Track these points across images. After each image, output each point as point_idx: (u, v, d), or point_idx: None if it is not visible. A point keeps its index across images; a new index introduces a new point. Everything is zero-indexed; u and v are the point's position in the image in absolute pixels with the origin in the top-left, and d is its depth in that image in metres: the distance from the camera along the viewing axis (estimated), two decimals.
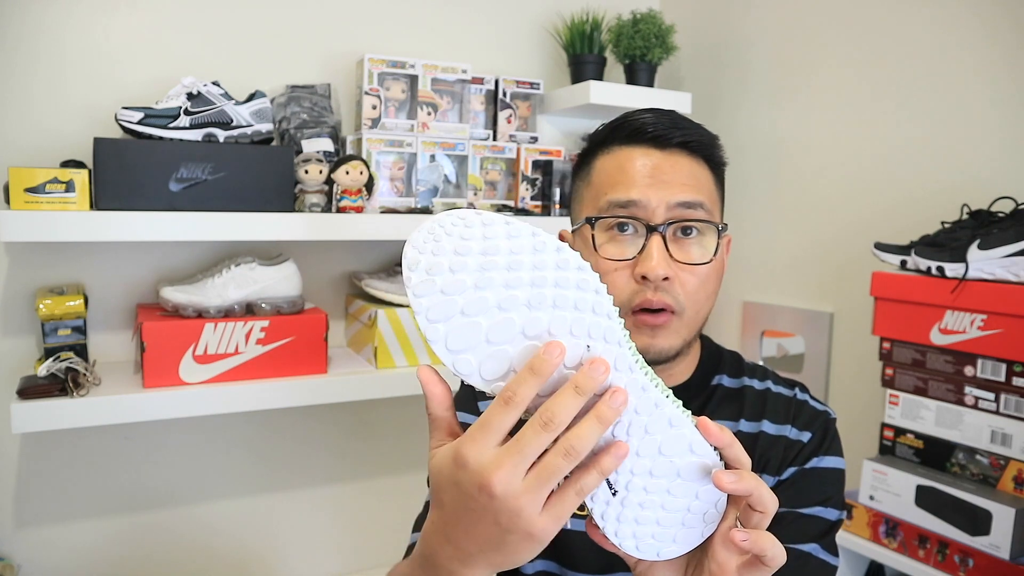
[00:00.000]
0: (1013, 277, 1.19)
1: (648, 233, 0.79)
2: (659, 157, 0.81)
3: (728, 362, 0.95)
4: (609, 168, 0.83)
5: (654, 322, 0.80)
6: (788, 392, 0.91)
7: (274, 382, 1.49)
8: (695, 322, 0.83)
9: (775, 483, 0.86)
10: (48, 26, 1.50)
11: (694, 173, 0.82)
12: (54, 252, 1.53)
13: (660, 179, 0.80)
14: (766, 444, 0.87)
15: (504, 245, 0.55)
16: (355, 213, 1.54)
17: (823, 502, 0.85)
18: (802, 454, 0.87)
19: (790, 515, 0.84)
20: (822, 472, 0.86)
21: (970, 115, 1.44)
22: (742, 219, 1.94)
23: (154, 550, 1.68)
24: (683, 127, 0.83)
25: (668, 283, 0.79)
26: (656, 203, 0.79)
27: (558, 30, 1.95)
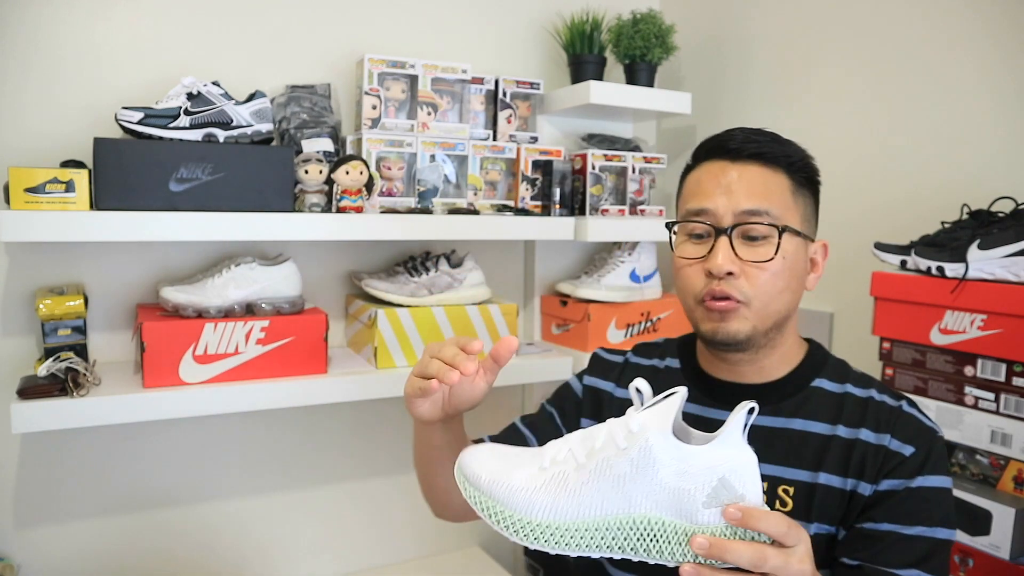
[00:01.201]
0: (1013, 277, 1.19)
1: (717, 235, 0.91)
2: (733, 169, 0.92)
3: (832, 367, 0.99)
4: (692, 182, 0.97)
5: (719, 307, 0.90)
6: (893, 403, 0.94)
7: (274, 382, 1.49)
8: (766, 314, 0.91)
9: (872, 492, 0.88)
10: (48, 26, 1.50)
11: (765, 182, 0.92)
12: (54, 252, 1.53)
13: (730, 190, 0.91)
14: (864, 451, 0.90)
15: None
16: (355, 213, 1.54)
17: (927, 521, 0.86)
18: (903, 467, 0.88)
19: (892, 535, 0.86)
20: (929, 492, 0.88)
21: (970, 115, 1.44)
22: None
23: (154, 550, 1.68)
24: (756, 141, 0.93)
25: (733, 278, 0.90)
26: (724, 211, 0.91)
27: (558, 30, 1.95)
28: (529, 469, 0.73)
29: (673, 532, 0.69)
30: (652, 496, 0.69)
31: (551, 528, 0.70)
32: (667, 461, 0.69)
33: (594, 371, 1.11)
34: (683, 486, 0.68)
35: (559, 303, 1.94)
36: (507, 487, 0.72)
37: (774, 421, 0.94)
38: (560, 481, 0.71)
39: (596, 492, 0.70)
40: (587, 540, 0.70)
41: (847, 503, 0.89)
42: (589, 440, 0.73)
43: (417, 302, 1.66)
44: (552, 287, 2.02)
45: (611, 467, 0.70)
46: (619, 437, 0.70)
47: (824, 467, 0.90)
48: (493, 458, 0.75)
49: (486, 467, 0.74)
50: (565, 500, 0.70)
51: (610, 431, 0.71)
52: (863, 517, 0.88)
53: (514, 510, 0.71)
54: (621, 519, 0.69)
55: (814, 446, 0.92)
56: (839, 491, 0.90)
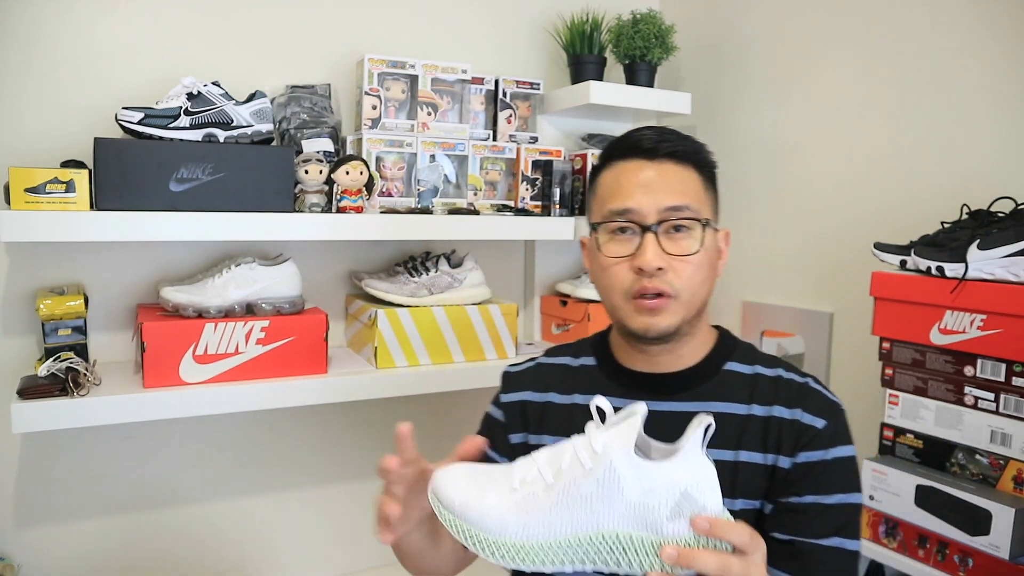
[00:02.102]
0: (1013, 277, 1.19)
1: (643, 232, 0.93)
2: (650, 168, 0.96)
3: (741, 351, 1.03)
4: (609, 181, 0.99)
5: (651, 305, 0.93)
6: (800, 380, 0.99)
7: (274, 382, 1.49)
8: (692, 304, 0.95)
9: (791, 464, 0.93)
10: (48, 25, 1.50)
11: (681, 179, 0.96)
12: (54, 252, 1.53)
13: (651, 188, 0.94)
14: (778, 426, 0.95)
15: None
16: (355, 213, 1.54)
17: (843, 488, 0.92)
18: (818, 440, 0.94)
19: (815, 507, 0.91)
20: (841, 462, 0.94)
21: (970, 115, 1.44)
22: (742, 219, 1.94)
23: (154, 550, 1.68)
24: (670, 140, 0.97)
25: (662, 273, 0.93)
26: (648, 209, 0.94)
27: (558, 30, 1.95)
28: (501, 491, 0.77)
29: (640, 544, 0.73)
30: (619, 512, 0.73)
31: (524, 548, 0.74)
32: (631, 479, 0.72)
33: (509, 388, 1.11)
34: (648, 502, 0.72)
35: (559, 303, 1.94)
36: (480, 511, 0.76)
37: (693, 406, 0.97)
38: (531, 502, 0.75)
39: (565, 511, 0.74)
40: (559, 557, 0.74)
41: (769, 477, 0.93)
42: (556, 460, 0.76)
43: (417, 302, 1.66)
44: (552, 287, 2.02)
45: (578, 487, 0.74)
46: (584, 458, 0.74)
47: (744, 445, 0.94)
48: (465, 481, 0.79)
49: (459, 491, 0.77)
50: (536, 520, 0.74)
51: (575, 451, 0.75)
52: (787, 491, 0.92)
53: (488, 532, 0.75)
54: (591, 535, 0.74)
55: (732, 426, 0.95)
56: (760, 467, 0.93)
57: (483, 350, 1.71)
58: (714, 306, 2.15)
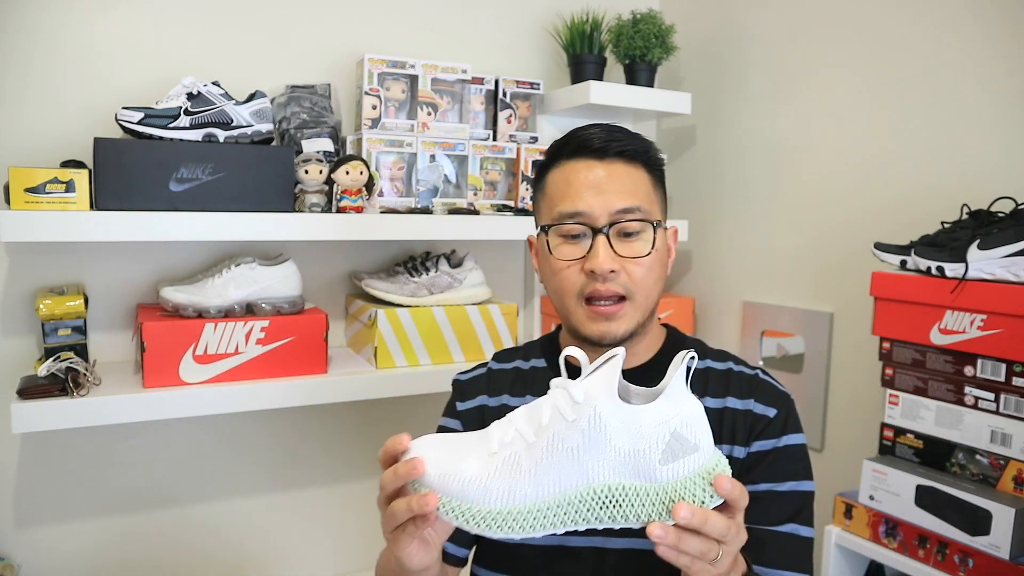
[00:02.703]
0: (1013, 277, 1.19)
1: (594, 235, 0.92)
2: (600, 168, 0.94)
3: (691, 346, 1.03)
4: (558, 181, 0.97)
5: (608, 311, 0.93)
6: (750, 372, 1.00)
7: (274, 382, 1.49)
8: (646, 306, 0.96)
9: (746, 454, 0.95)
10: (48, 25, 1.50)
11: (632, 179, 0.95)
12: (54, 252, 1.53)
13: (601, 190, 0.93)
14: (732, 417, 0.96)
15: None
16: (355, 213, 1.54)
17: (795, 476, 0.94)
18: (770, 428, 0.96)
19: (769, 495, 0.93)
20: (793, 449, 0.96)
21: (970, 115, 1.44)
22: (742, 219, 1.94)
23: (154, 550, 1.68)
24: (619, 139, 0.95)
25: (615, 275, 0.92)
26: (599, 211, 0.92)
27: (558, 30, 1.95)
28: (478, 456, 0.71)
29: (635, 494, 0.69)
30: (608, 463, 0.69)
31: (512, 514, 0.69)
32: (617, 426, 0.68)
33: (463, 396, 1.08)
34: (637, 447, 0.68)
35: None
36: (459, 479, 0.70)
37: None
38: (512, 464, 0.70)
39: (551, 469, 0.69)
40: (550, 519, 0.69)
41: None
42: (535, 416, 0.71)
43: (417, 302, 1.66)
44: None
45: (562, 441, 0.69)
46: (566, 410, 0.69)
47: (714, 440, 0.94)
48: (439, 450, 0.72)
49: (433, 461, 0.71)
50: (521, 483, 0.69)
51: (555, 404, 0.70)
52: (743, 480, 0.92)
53: (471, 502, 0.69)
54: (581, 491, 0.69)
55: None
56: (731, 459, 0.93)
57: (483, 350, 1.71)
58: (714, 306, 2.16)
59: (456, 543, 1.01)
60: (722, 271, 2.00)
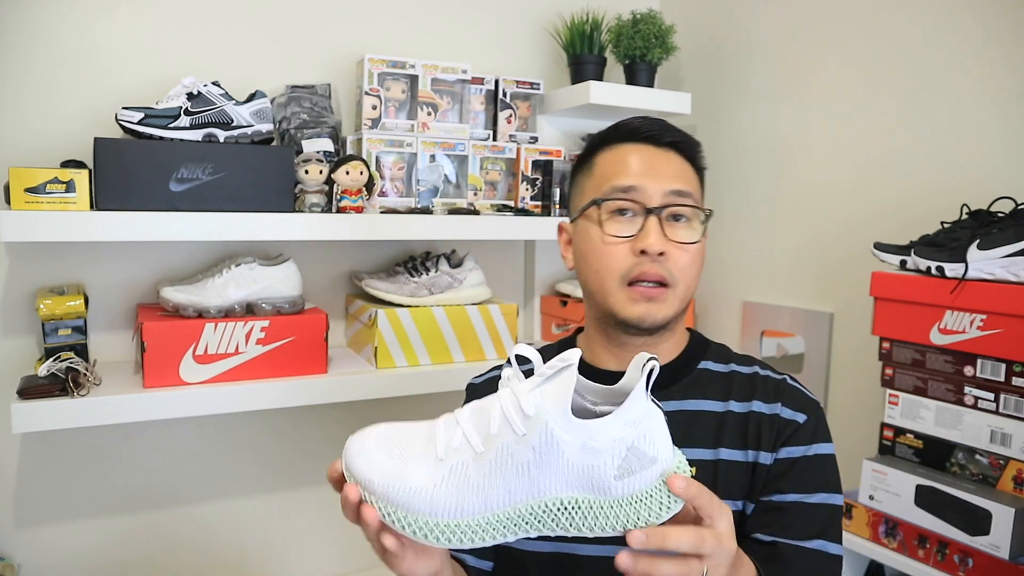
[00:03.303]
0: (1013, 277, 1.19)
1: (647, 215, 0.90)
2: (655, 152, 0.93)
3: (715, 351, 1.02)
4: (611, 160, 0.95)
5: (651, 294, 0.90)
6: (777, 377, 0.97)
7: (274, 382, 1.49)
8: (685, 296, 0.93)
9: (772, 460, 0.91)
10: (48, 26, 1.50)
11: (683, 168, 0.95)
12: (54, 252, 1.53)
13: (656, 170, 0.92)
14: (758, 422, 0.92)
15: None
16: (355, 213, 1.54)
17: (824, 487, 0.90)
18: (799, 435, 0.91)
19: (797, 506, 0.88)
20: (823, 459, 0.92)
21: (970, 115, 1.44)
22: (742, 219, 1.94)
23: (154, 550, 1.68)
24: (672, 131, 0.95)
25: (663, 258, 0.89)
26: (653, 190, 0.90)
27: (558, 30, 1.95)
28: (425, 463, 0.68)
29: (588, 508, 0.66)
30: (561, 477, 0.66)
31: (460, 527, 0.67)
32: (570, 442, 0.65)
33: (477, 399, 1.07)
34: (592, 463, 0.65)
35: (559, 303, 1.94)
36: (405, 490, 0.67)
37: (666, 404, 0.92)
38: (460, 475, 0.67)
39: (501, 483, 0.66)
40: (499, 531, 0.67)
41: (751, 475, 0.91)
42: (483, 423, 0.68)
43: (417, 302, 1.66)
44: (552, 287, 2.02)
45: (512, 456, 0.66)
46: (516, 423, 0.66)
47: (723, 443, 0.91)
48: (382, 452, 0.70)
49: (377, 467, 0.69)
50: (470, 497, 0.66)
51: (504, 414, 0.67)
52: (769, 489, 0.90)
53: (417, 514, 0.67)
54: (532, 505, 0.66)
55: (710, 424, 0.93)
56: (741, 464, 0.91)
57: (483, 350, 1.71)
58: (714, 306, 2.16)
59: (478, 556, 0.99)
60: (722, 271, 2.00)
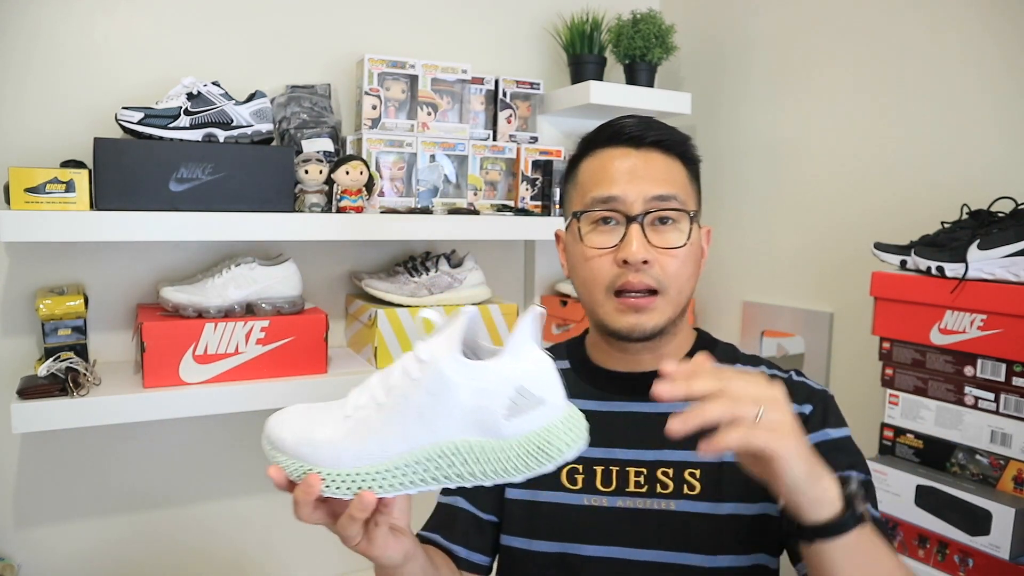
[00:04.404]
0: (1013, 277, 1.19)
1: (628, 223, 0.89)
2: (636, 156, 0.92)
3: (722, 350, 1.01)
4: (592, 168, 0.94)
5: (639, 304, 0.89)
6: (782, 374, 0.97)
7: (274, 382, 1.49)
8: (679, 301, 0.92)
9: None
10: (48, 25, 1.50)
11: (668, 169, 0.92)
12: (54, 252, 1.53)
13: (636, 176, 0.90)
14: None
15: None
16: (355, 213, 1.54)
17: (853, 466, 0.88)
18: (809, 425, 0.91)
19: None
20: (840, 441, 0.91)
21: (970, 115, 1.44)
22: (742, 219, 1.94)
23: (154, 550, 1.68)
24: (656, 128, 0.93)
25: (648, 266, 0.88)
26: (634, 197, 0.89)
27: (558, 30, 1.95)
28: (334, 421, 0.71)
29: (481, 451, 0.68)
30: (455, 421, 0.68)
31: (361, 475, 0.69)
32: (461, 383, 0.67)
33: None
34: (482, 404, 0.67)
35: (559, 303, 1.94)
36: (312, 444, 0.70)
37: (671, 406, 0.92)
38: (363, 426, 0.69)
39: (399, 428, 0.68)
40: (400, 478, 0.69)
41: None
42: (386, 378, 0.71)
43: (417, 302, 1.66)
44: (552, 287, 2.02)
45: (408, 400, 0.68)
46: (412, 369, 0.69)
47: None
48: (297, 418, 0.73)
49: (289, 428, 0.72)
50: (371, 444, 0.69)
51: (403, 364, 0.70)
52: None
53: (323, 466, 0.69)
54: (428, 450, 0.68)
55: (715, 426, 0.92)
56: None
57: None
58: (714, 306, 2.16)
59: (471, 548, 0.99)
60: (722, 271, 2.00)
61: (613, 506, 0.93)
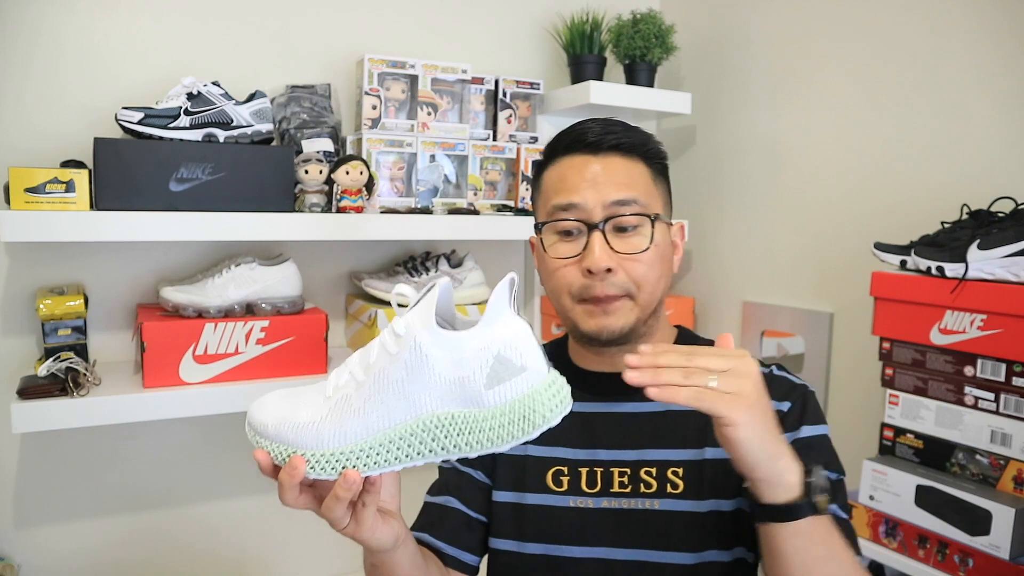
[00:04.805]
0: (1013, 277, 1.19)
1: (589, 231, 0.89)
2: (595, 162, 0.91)
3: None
4: (553, 178, 0.94)
5: (605, 305, 0.89)
6: (764, 370, 0.96)
7: (274, 382, 1.49)
8: (648, 302, 0.91)
9: None
10: (48, 26, 1.50)
11: (628, 172, 0.92)
12: (54, 252, 1.53)
13: (596, 182, 0.90)
14: None
15: None
16: (355, 213, 1.54)
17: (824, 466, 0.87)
18: (785, 422, 0.91)
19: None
20: (813, 439, 0.91)
21: (970, 115, 1.44)
22: (742, 219, 1.94)
23: (154, 550, 1.68)
24: (615, 132, 0.92)
25: (612, 274, 0.88)
26: (593, 204, 0.89)
27: (558, 30, 1.95)
28: (315, 403, 0.71)
29: (465, 421, 0.67)
30: (434, 393, 0.67)
31: (345, 453, 0.68)
32: (439, 354, 0.66)
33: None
34: (462, 374, 0.66)
35: None
36: (294, 426, 0.69)
37: (652, 405, 0.93)
38: (343, 405, 0.69)
39: (380, 404, 0.68)
40: (384, 455, 0.68)
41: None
42: (365, 356, 0.70)
43: None
44: None
45: (387, 376, 0.67)
46: (389, 344, 0.68)
47: (709, 441, 0.90)
48: (278, 402, 0.73)
49: (271, 413, 0.71)
50: (351, 422, 0.68)
51: (381, 340, 0.69)
52: None
53: (304, 448, 0.69)
54: (411, 425, 0.68)
55: (695, 424, 0.92)
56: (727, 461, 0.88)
57: None
58: (714, 306, 2.16)
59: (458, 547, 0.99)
60: (722, 271, 2.00)
61: (598, 507, 0.94)
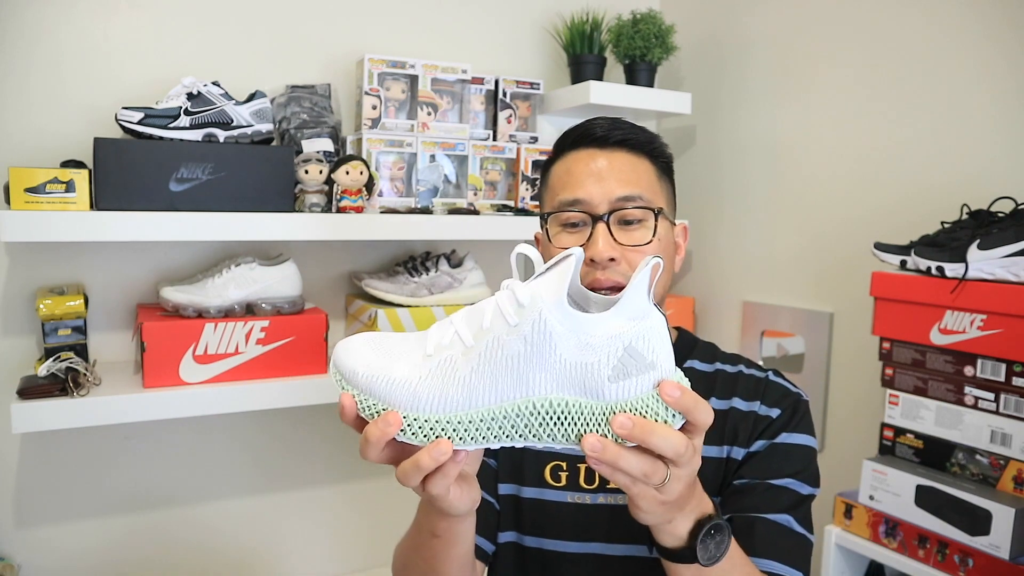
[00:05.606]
0: (1013, 277, 1.19)
1: (594, 223, 0.91)
2: (602, 157, 0.93)
3: (701, 349, 1.03)
4: (560, 172, 0.96)
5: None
6: (760, 374, 0.98)
7: (274, 382, 1.49)
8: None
9: (744, 455, 0.92)
10: (48, 26, 1.50)
11: (633, 168, 0.93)
12: (54, 252, 1.53)
13: (601, 177, 0.92)
14: (736, 419, 0.94)
15: None
16: (355, 213, 1.54)
17: (794, 475, 0.91)
18: (771, 428, 0.93)
19: (761, 485, 0.90)
20: (792, 447, 0.93)
21: (970, 115, 1.44)
22: (742, 219, 1.94)
23: (154, 550, 1.68)
24: (622, 128, 0.95)
25: (615, 264, 0.89)
26: (599, 199, 0.91)
27: (558, 30, 1.95)
28: (412, 359, 0.64)
29: (579, 411, 0.62)
30: (551, 375, 0.61)
31: (441, 422, 0.62)
32: (565, 334, 0.60)
33: None
34: (586, 360, 0.61)
35: None
36: (387, 381, 0.63)
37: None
38: (447, 369, 0.63)
39: (488, 377, 0.62)
40: (483, 432, 0.62)
41: (723, 470, 0.93)
42: (476, 317, 0.64)
43: (417, 302, 1.66)
44: None
45: (502, 347, 0.61)
46: (509, 312, 0.61)
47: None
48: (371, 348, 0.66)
49: (363, 360, 0.64)
50: (455, 390, 0.62)
51: (498, 305, 0.62)
52: (734, 476, 0.92)
53: (397, 407, 0.63)
54: (519, 404, 0.62)
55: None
56: (715, 460, 0.92)
57: None
58: (714, 306, 2.16)
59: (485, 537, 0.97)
60: (722, 271, 2.00)
61: (595, 503, 0.95)
